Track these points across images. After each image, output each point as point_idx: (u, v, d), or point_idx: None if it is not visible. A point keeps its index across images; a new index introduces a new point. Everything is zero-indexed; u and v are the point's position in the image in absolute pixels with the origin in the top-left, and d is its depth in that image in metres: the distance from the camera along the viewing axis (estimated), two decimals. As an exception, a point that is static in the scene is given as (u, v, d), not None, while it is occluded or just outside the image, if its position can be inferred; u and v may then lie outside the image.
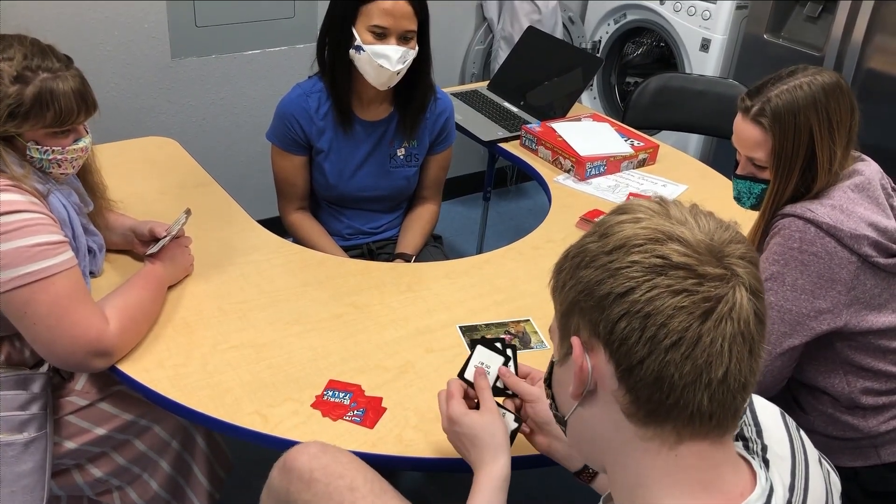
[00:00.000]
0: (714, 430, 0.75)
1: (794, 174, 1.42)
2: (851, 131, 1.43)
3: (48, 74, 1.29)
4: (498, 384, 1.21)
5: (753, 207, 1.53)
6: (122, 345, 1.36)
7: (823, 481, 0.88)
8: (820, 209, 1.38)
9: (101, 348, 1.31)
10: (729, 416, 0.75)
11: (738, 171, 1.52)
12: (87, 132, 1.41)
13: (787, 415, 0.93)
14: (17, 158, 1.31)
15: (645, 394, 0.74)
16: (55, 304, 1.27)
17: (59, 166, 1.37)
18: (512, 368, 1.22)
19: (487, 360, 1.23)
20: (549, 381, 0.90)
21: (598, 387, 0.78)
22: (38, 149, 1.32)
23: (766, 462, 0.83)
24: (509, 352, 1.23)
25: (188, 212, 1.58)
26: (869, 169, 1.46)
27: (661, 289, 0.72)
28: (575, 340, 0.78)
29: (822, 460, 0.91)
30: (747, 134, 1.45)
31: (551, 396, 0.89)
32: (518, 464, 1.25)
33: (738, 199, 1.55)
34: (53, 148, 1.34)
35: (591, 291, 0.76)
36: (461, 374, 1.21)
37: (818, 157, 1.40)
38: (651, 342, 0.72)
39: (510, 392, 1.20)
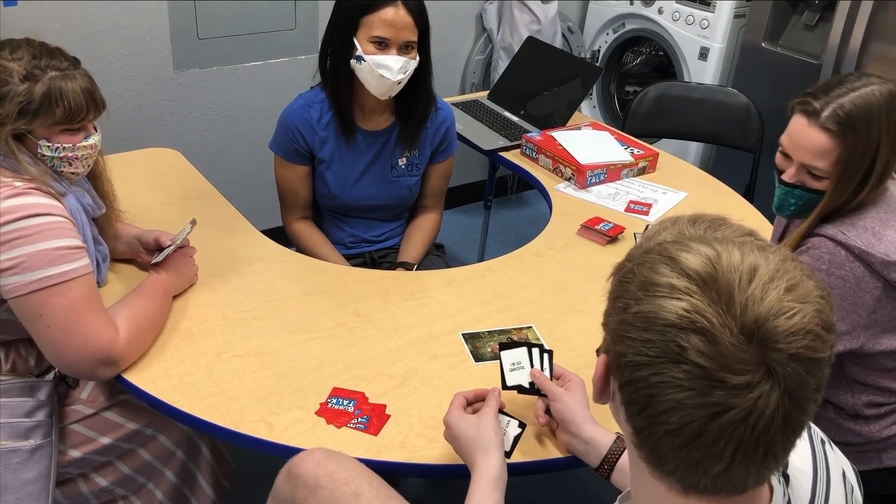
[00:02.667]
0: (725, 495, 0.72)
1: (853, 185, 1.35)
2: None
3: (57, 73, 1.31)
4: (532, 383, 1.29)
5: (793, 216, 1.47)
6: (129, 354, 1.37)
7: (845, 499, 0.87)
8: (852, 232, 1.34)
9: (110, 357, 1.32)
10: (747, 485, 0.71)
11: (788, 179, 1.42)
12: (96, 130, 1.42)
13: (812, 426, 0.91)
14: (30, 157, 1.33)
15: (646, 452, 0.72)
16: (70, 308, 1.28)
17: (70, 164, 1.38)
18: (547, 371, 1.30)
19: (516, 358, 1.31)
20: None
21: None
22: (48, 146, 1.34)
23: (785, 477, 0.82)
24: (546, 356, 1.31)
25: (193, 222, 1.60)
26: None
27: (670, 378, 0.67)
28: (601, 359, 0.78)
29: (847, 476, 0.90)
30: (813, 142, 1.35)
31: None
32: (539, 467, 1.27)
33: (778, 208, 1.46)
34: (64, 145, 1.35)
35: (613, 337, 0.73)
36: (504, 386, 1.29)
37: (875, 168, 1.33)
38: (651, 420, 0.69)
39: (542, 392, 1.28)
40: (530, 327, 1.57)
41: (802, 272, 0.70)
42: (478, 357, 1.47)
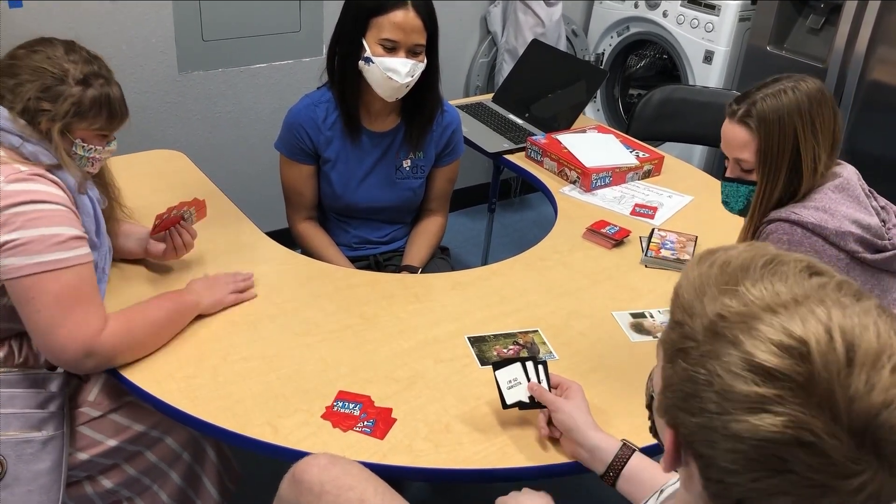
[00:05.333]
0: None
1: (781, 175, 1.46)
2: (835, 135, 1.48)
3: (103, 81, 1.40)
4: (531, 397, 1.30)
5: (741, 213, 1.56)
6: (114, 351, 1.36)
7: None
8: (804, 211, 1.42)
9: (91, 349, 1.33)
10: None
11: (727, 174, 1.55)
12: (114, 136, 1.49)
13: None
14: (66, 151, 1.39)
15: None
16: (61, 296, 1.30)
17: (92, 165, 1.44)
18: (544, 381, 1.30)
19: (511, 375, 1.31)
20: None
21: None
22: (83, 146, 1.40)
23: None
24: (540, 367, 1.31)
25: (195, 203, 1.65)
26: (846, 171, 1.50)
27: (771, 485, 0.61)
28: (669, 435, 0.70)
29: None
30: (733, 135, 1.49)
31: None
32: (543, 472, 1.27)
33: (726, 203, 1.58)
34: (96, 147, 1.42)
35: (690, 435, 0.67)
36: (505, 405, 1.30)
37: (803, 158, 1.44)
38: None
39: (542, 404, 1.29)
40: (536, 331, 1.56)
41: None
42: (483, 361, 1.47)
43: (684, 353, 0.67)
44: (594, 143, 2.33)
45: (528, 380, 1.30)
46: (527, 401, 1.29)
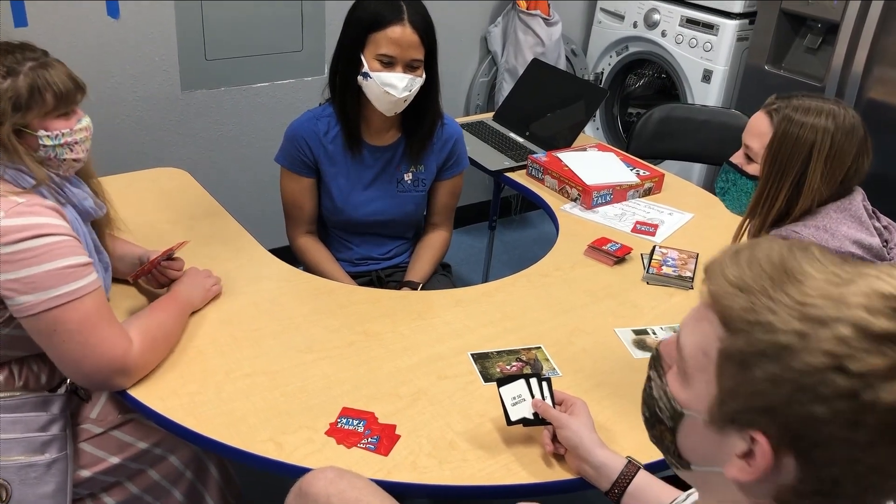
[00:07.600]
0: None
1: (784, 184, 1.45)
2: (849, 171, 1.46)
3: (33, 63, 1.32)
4: (535, 413, 1.30)
5: (730, 203, 1.57)
6: (143, 364, 1.38)
7: None
8: (804, 230, 1.42)
9: (125, 366, 1.34)
10: None
11: (732, 158, 1.56)
12: (83, 113, 1.42)
13: None
14: (33, 158, 1.33)
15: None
16: (84, 322, 1.30)
17: (72, 150, 1.37)
18: (548, 398, 1.31)
19: (515, 392, 1.31)
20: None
21: None
22: (48, 136, 1.34)
23: None
24: (545, 383, 1.32)
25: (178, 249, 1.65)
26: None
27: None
28: (762, 439, 0.68)
29: None
30: (756, 122, 1.50)
31: None
32: (548, 489, 1.27)
33: (721, 193, 1.58)
34: (62, 131, 1.35)
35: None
36: (509, 422, 1.29)
37: (808, 179, 1.43)
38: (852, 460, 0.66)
39: (547, 420, 1.29)
40: (539, 348, 1.56)
41: None
42: (487, 377, 1.47)
43: (767, 354, 0.66)
44: (595, 161, 2.34)
45: (533, 396, 1.31)
46: (531, 417, 1.29)
